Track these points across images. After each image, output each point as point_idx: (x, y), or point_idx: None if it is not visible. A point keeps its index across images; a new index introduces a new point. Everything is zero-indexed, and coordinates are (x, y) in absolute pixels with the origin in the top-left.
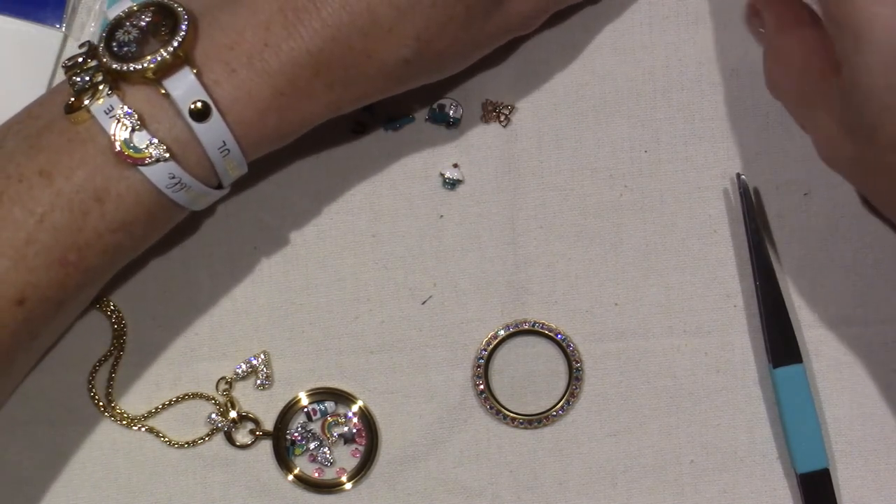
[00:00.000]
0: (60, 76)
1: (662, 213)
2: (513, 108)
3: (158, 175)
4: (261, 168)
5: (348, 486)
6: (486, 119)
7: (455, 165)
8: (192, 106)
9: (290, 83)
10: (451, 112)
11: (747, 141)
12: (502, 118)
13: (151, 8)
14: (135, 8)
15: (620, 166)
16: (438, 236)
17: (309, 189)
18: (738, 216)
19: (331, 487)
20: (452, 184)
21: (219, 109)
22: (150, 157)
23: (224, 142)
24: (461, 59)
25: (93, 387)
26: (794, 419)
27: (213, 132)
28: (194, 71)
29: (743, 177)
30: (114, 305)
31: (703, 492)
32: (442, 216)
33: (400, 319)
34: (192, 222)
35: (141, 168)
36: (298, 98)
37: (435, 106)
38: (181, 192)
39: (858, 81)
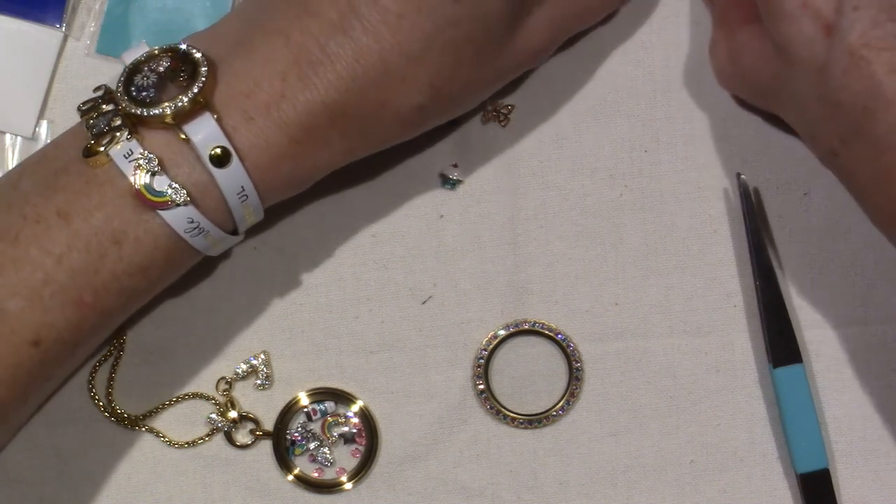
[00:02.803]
0: (60, 76)
1: (662, 213)
2: (513, 108)
3: (178, 219)
4: None
5: (348, 486)
6: (485, 119)
7: (455, 165)
8: (213, 152)
9: (306, 132)
10: None
11: (747, 141)
12: (502, 118)
13: (169, 53)
14: (155, 52)
15: (620, 166)
16: (438, 236)
17: (308, 189)
18: (738, 216)
19: (331, 487)
20: (452, 184)
21: (238, 156)
22: (172, 202)
23: (243, 187)
24: (474, 99)
25: (93, 387)
26: (794, 419)
27: (232, 178)
28: (215, 117)
29: (743, 177)
30: None
31: (703, 492)
32: (442, 216)
33: (400, 319)
34: None
35: (161, 212)
36: (314, 146)
37: None
38: (199, 236)
39: (795, 91)
